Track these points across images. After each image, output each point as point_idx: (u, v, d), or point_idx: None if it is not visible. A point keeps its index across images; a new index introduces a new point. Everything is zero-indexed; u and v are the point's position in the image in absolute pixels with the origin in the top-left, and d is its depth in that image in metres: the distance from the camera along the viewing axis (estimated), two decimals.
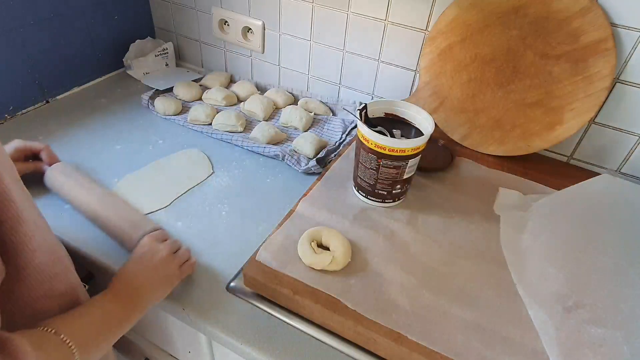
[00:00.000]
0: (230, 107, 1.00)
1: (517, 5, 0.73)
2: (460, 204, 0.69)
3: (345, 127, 0.93)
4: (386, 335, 0.49)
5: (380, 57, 0.91)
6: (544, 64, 0.73)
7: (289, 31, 0.98)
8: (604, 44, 0.68)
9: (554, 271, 0.55)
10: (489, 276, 0.57)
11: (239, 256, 0.64)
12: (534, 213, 0.66)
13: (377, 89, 0.96)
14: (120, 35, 1.08)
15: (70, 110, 0.96)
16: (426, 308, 0.52)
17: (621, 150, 0.78)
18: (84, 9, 0.97)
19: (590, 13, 0.68)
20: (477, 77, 0.79)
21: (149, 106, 0.97)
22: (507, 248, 0.62)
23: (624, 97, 0.73)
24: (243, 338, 0.54)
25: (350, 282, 0.55)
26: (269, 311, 0.57)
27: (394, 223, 0.64)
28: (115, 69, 1.11)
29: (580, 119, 0.73)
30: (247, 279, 0.57)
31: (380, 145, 0.60)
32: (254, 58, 1.07)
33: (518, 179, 0.76)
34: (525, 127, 0.77)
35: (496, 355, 0.48)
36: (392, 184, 0.64)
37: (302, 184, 0.78)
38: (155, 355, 0.79)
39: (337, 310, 0.52)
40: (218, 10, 1.03)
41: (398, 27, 0.86)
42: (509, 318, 0.52)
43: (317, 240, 0.59)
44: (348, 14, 0.89)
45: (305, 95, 1.03)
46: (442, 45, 0.81)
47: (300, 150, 0.85)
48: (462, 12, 0.77)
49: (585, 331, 0.49)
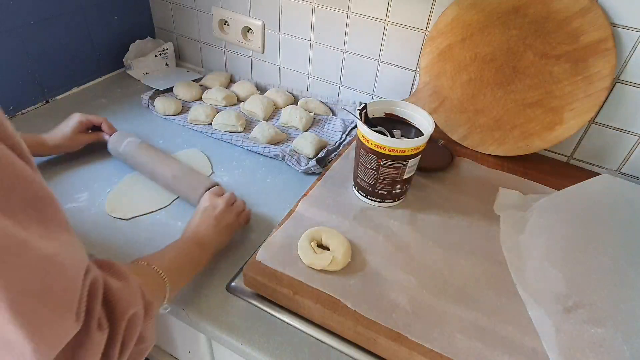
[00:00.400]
0: (230, 107, 1.00)
1: (517, 5, 0.73)
2: (460, 204, 0.69)
3: (346, 127, 0.93)
4: (386, 335, 0.49)
5: (380, 57, 0.91)
6: (544, 64, 0.73)
7: (289, 31, 0.98)
8: (604, 44, 0.68)
9: (554, 271, 0.55)
10: (489, 276, 0.57)
11: (239, 256, 0.64)
12: (534, 213, 0.66)
13: (377, 89, 0.96)
14: (120, 35, 1.08)
15: (70, 110, 0.95)
16: (426, 308, 0.52)
17: (621, 150, 0.78)
18: (84, 9, 0.97)
19: (590, 13, 0.68)
20: (477, 77, 0.79)
21: (149, 106, 0.97)
22: (507, 248, 0.62)
23: (624, 97, 0.73)
24: (243, 338, 0.54)
25: (350, 282, 0.55)
26: (269, 311, 0.57)
27: (394, 223, 0.64)
28: (115, 69, 1.11)
29: (580, 119, 0.73)
30: (247, 279, 0.57)
31: (380, 145, 0.60)
32: (254, 58, 1.07)
33: (518, 179, 0.76)
34: (525, 127, 0.77)
35: (496, 355, 0.48)
36: (392, 184, 0.64)
37: (302, 184, 0.78)
38: (155, 355, 0.79)
39: (337, 310, 0.52)
40: (218, 10, 1.03)
41: (398, 27, 0.86)
42: (509, 318, 0.52)
43: (317, 240, 0.59)
44: (348, 14, 0.89)
45: (305, 95, 1.03)
46: (442, 45, 0.81)
47: (300, 150, 0.85)
48: (462, 12, 0.77)
49: (585, 331, 0.49)
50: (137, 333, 0.39)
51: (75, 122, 0.78)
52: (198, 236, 0.59)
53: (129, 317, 0.37)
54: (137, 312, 0.39)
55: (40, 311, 0.28)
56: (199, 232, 0.59)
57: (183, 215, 0.71)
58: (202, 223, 0.60)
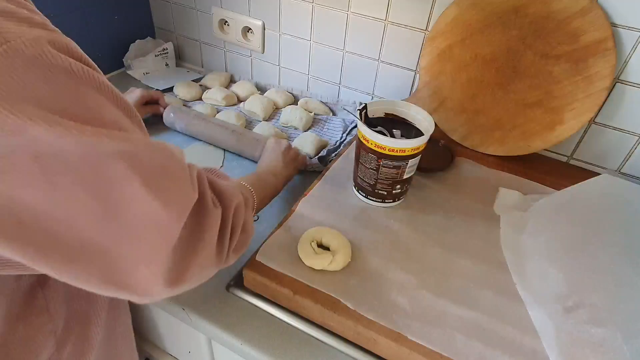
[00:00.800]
0: (230, 107, 1.00)
1: (517, 5, 0.73)
2: (460, 204, 0.69)
3: (346, 127, 0.93)
4: (386, 335, 0.49)
5: (380, 57, 0.91)
6: (544, 64, 0.73)
7: (289, 31, 0.98)
8: (604, 44, 0.68)
9: (554, 271, 0.55)
10: (489, 276, 0.57)
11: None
12: (534, 213, 0.66)
13: (377, 89, 0.96)
14: (120, 35, 1.08)
15: None
16: (426, 308, 0.52)
17: (621, 150, 0.78)
18: (83, 9, 0.97)
19: (590, 13, 0.68)
20: (477, 77, 0.79)
21: None
22: (507, 248, 0.61)
23: (624, 97, 0.73)
24: (243, 338, 0.54)
25: (350, 282, 0.55)
26: (269, 311, 0.57)
27: (394, 223, 0.64)
28: (115, 69, 1.11)
29: (580, 119, 0.73)
30: (247, 279, 0.57)
31: (380, 145, 0.60)
32: (254, 58, 1.07)
33: (518, 179, 0.76)
34: (525, 127, 0.77)
35: (496, 355, 0.48)
36: (392, 184, 0.64)
37: (302, 184, 0.78)
38: (155, 355, 0.79)
39: (337, 310, 0.52)
40: (218, 10, 1.03)
41: (398, 27, 0.86)
42: (509, 318, 0.52)
43: (317, 240, 0.59)
44: (348, 14, 0.89)
45: (305, 95, 1.03)
46: (442, 45, 0.81)
47: (300, 150, 0.85)
48: (462, 12, 0.77)
49: (585, 331, 0.49)
50: (242, 220, 0.44)
51: (138, 96, 0.86)
52: (270, 167, 0.68)
53: (235, 206, 0.42)
54: (240, 203, 0.44)
55: (166, 184, 0.33)
56: (271, 164, 0.69)
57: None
58: (272, 157, 0.71)
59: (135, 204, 0.31)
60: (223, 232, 0.41)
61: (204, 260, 0.38)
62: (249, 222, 0.46)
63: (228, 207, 0.41)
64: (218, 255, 0.40)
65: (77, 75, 0.32)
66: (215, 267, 0.41)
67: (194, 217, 0.36)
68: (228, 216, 0.41)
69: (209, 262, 0.39)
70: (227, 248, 0.42)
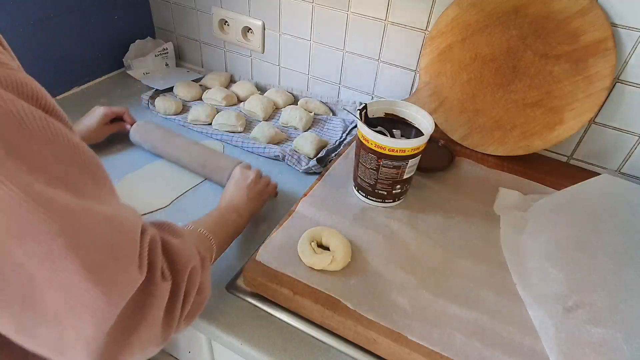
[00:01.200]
0: (230, 107, 1.00)
1: (517, 5, 0.73)
2: (460, 204, 0.69)
3: (346, 127, 0.93)
4: (386, 335, 0.49)
5: (380, 57, 0.91)
6: (544, 64, 0.73)
7: (289, 31, 0.98)
8: (604, 44, 0.68)
9: (554, 271, 0.55)
10: (489, 276, 0.57)
11: (239, 256, 0.64)
12: (534, 213, 0.66)
13: (377, 89, 0.96)
14: (120, 35, 1.08)
15: (71, 110, 0.95)
16: (426, 308, 0.52)
17: (621, 150, 0.78)
18: (83, 9, 0.97)
19: (590, 13, 0.68)
20: (477, 77, 0.79)
21: (149, 106, 0.97)
22: (507, 248, 0.62)
23: (624, 97, 0.73)
24: (243, 338, 0.54)
25: (350, 282, 0.55)
26: (269, 311, 0.57)
27: (394, 223, 0.64)
28: (115, 69, 1.11)
29: (580, 119, 0.73)
30: (247, 279, 0.57)
31: (380, 145, 0.60)
32: (254, 58, 1.07)
33: (518, 179, 0.76)
34: (525, 127, 0.77)
35: (496, 355, 0.48)
36: (392, 184, 0.64)
37: (302, 184, 0.78)
38: (155, 355, 0.79)
39: (337, 310, 0.52)
40: (218, 10, 1.03)
41: (398, 27, 0.86)
42: (509, 318, 0.52)
43: (317, 240, 0.59)
44: (348, 14, 0.89)
45: (305, 95, 1.03)
46: (442, 45, 0.81)
47: (300, 150, 0.85)
48: (462, 12, 0.77)
49: (585, 331, 0.49)
50: (197, 284, 0.41)
51: (100, 114, 0.81)
52: (233, 203, 0.63)
53: (190, 270, 0.40)
54: (196, 265, 0.41)
55: (108, 265, 0.30)
56: (234, 200, 0.64)
57: (183, 216, 0.71)
58: (235, 192, 0.65)
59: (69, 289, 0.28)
60: (173, 304, 0.38)
61: (147, 339, 0.35)
62: (205, 283, 0.44)
63: (182, 273, 0.38)
64: (165, 329, 0.37)
65: (24, 120, 0.28)
66: (162, 343, 0.38)
67: (138, 295, 0.33)
68: (180, 285, 0.38)
69: (153, 340, 0.36)
70: (178, 319, 0.39)
